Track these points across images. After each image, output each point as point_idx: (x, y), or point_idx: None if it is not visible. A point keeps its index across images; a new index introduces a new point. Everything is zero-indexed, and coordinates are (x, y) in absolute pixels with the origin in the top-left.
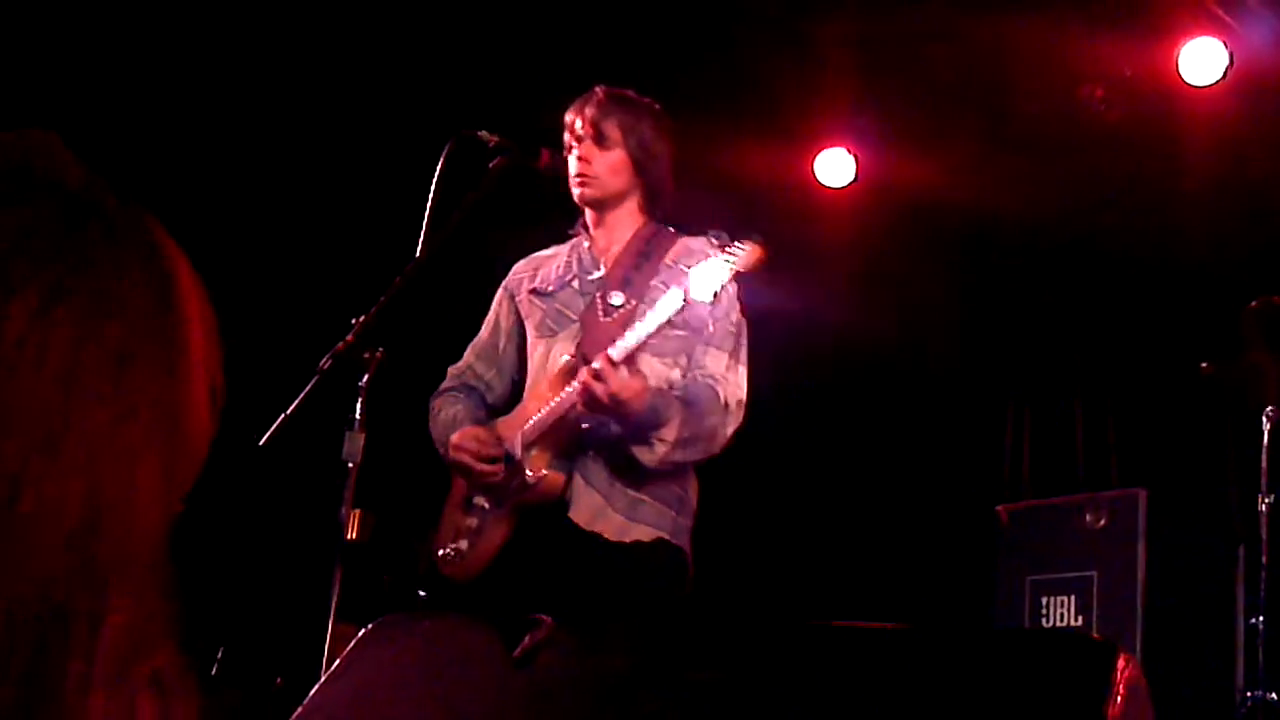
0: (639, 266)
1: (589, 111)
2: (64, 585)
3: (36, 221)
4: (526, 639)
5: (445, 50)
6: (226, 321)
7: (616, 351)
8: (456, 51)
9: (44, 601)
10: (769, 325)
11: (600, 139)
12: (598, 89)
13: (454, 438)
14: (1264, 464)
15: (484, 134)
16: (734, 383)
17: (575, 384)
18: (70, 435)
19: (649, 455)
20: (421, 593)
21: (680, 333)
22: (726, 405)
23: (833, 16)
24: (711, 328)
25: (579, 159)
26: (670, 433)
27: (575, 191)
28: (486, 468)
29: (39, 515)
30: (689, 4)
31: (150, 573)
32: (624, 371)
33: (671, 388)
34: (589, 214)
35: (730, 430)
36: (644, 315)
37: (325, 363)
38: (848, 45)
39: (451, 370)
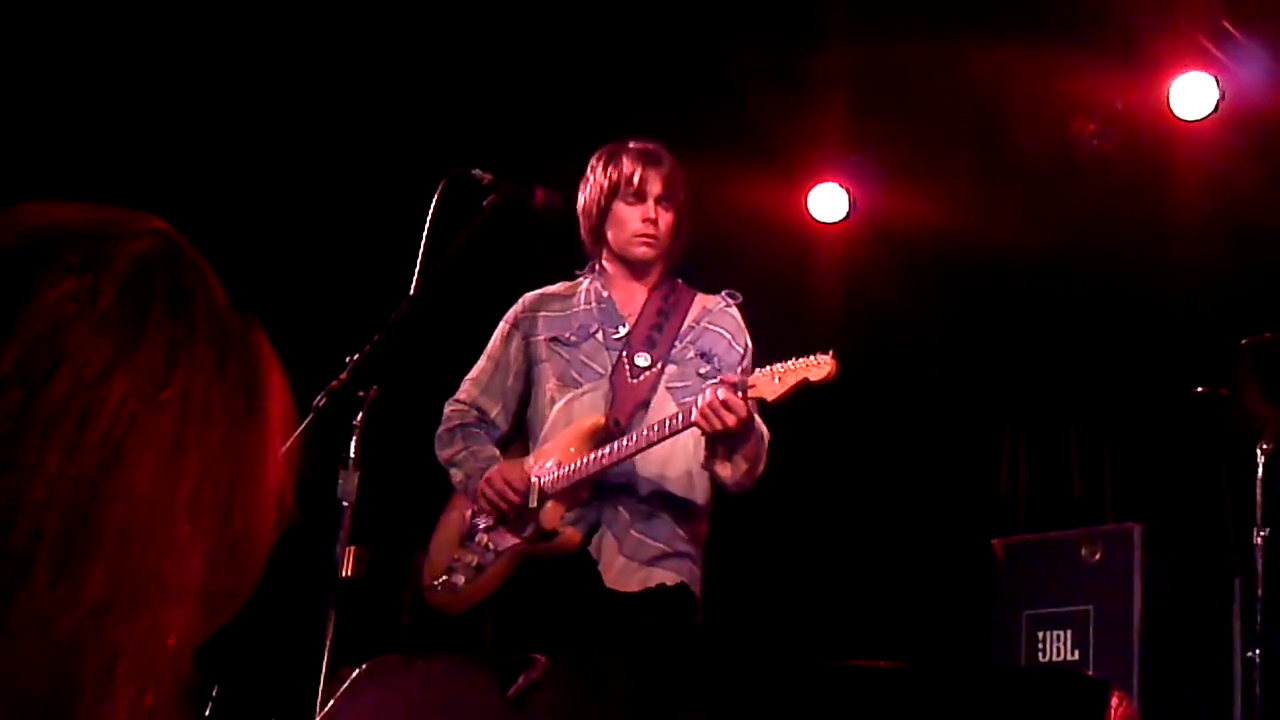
0: (660, 327)
1: (663, 170)
2: (66, 670)
3: (100, 293)
4: (521, 679)
5: (442, 89)
6: None
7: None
8: (454, 90)
9: (39, 689)
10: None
11: (668, 200)
12: (650, 145)
13: (490, 472)
14: (1259, 497)
15: (478, 172)
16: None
17: (610, 447)
18: (101, 514)
19: (730, 472)
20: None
21: (713, 382)
22: (764, 437)
23: (825, 51)
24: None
25: (648, 220)
26: (750, 449)
27: (638, 250)
28: (513, 499)
29: (54, 593)
30: (683, 40)
31: (170, 674)
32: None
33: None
34: (620, 266)
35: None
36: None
37: (320, 401)
38: (840, 80)
39: (454, 405)
